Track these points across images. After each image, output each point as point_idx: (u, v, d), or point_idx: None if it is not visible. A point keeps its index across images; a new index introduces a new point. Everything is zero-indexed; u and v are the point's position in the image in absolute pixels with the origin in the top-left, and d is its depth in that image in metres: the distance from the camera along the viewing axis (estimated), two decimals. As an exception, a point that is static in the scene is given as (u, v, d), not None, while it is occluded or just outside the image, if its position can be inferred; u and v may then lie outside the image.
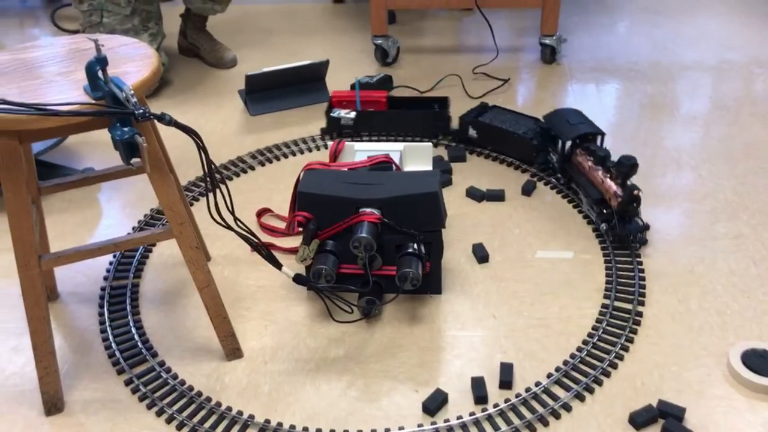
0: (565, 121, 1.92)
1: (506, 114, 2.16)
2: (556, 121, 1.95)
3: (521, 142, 2.03)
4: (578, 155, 1.87)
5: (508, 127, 2.07)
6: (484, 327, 1.54)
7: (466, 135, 2.14)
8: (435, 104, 2.26)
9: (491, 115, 2.15)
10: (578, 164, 1.87)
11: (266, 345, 1.52)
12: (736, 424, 1.30)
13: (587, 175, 1.83)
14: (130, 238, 1.34)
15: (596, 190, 1.78)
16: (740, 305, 1.56)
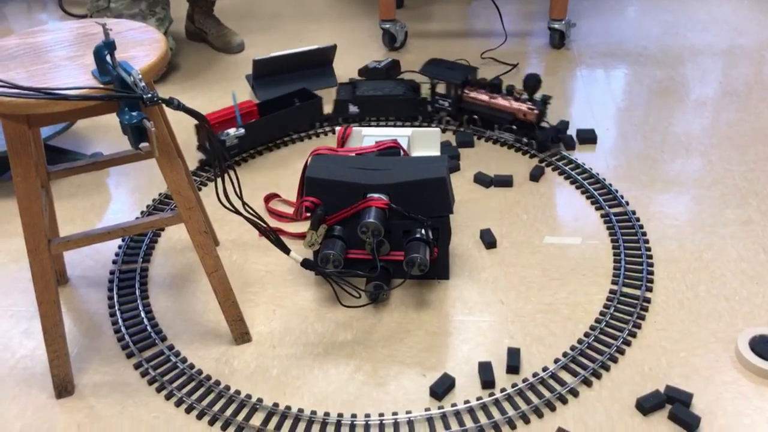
0: (444, 69, 2.09)
1: (379, 83, 2.23)
2: (437, 71, 2.09)
3: (405, 101, 2.13)
4: (468, 93, 2.05)
5: (388, 92, 2.15)
6: (491, 312, 1.54)
7: (346, 113, 2.17)
8: (295, 98, 2.20)
9: (365, 87, 2.21)
10: (473, 101, 2.02)
11: (274, 329, 1.52)
12: (743, 409, 1.30)
13: (489, 106, 2.03)
14: (139, 223, 1.35)
15: (506, 113, 2.00)
16: (749, 291, 1.56)
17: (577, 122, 2.20)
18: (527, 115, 1.98)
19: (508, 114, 2.02)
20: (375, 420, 1.32)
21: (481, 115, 2.06)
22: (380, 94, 2.13)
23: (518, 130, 2.03)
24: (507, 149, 2.09)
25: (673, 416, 1.28)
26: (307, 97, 2.19)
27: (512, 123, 2.02)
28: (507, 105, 1.99)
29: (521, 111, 1.98)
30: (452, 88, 2.04)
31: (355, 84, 2.23)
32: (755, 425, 1.27)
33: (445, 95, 2.06)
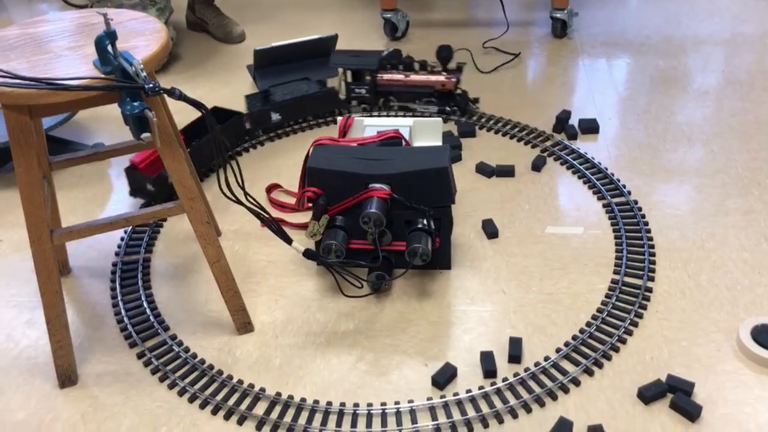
0: (351, 57, 2.14)
1: (287, 86, 2.20)
2: (345, 61, 2.14)
3: (323, 97, 2.16)
4: (383, 77, 2.11)
5: (305, 92, 2.15)
6: (493, 302, 1.54)
7: (269, 122, 2.11)
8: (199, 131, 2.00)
9: (279, 93, 2.17)
10: (389, 82, 2.11)
11: (277, 319, 1.53)
12: (745, 398, 1.31)
13: (406, 84, 2.11)
14: (141, 213, 1.35)
15: (425, 88, 2.09)
16: (751, 281, 1.56)
17: (579, 112, 2.20)
18: (446, 85, 2.09)
19: (427, 87, 2.11)
20: (377, 409, 1.32)
21: (399, 94, 2.14)
22: (298, 96, 2.12)
23: (439, 100, 2.13)
24: (509, 139, 2.09)
25: (675, 405, 1.29)
26: (226, 116, 2.05)
27: (432, 96, 2.12)
28: (424, 79, 2.09)
29: (439, 82, 2.08)
30: (367, 74, 2.10)
31: (267, 92, 2.17)
32: (756, 414, 1.27)
33: (361, 83, 2.11)
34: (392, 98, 2.14)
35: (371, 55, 2.14)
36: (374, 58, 2.11)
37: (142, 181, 1.80)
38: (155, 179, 1.78)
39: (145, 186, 1.80)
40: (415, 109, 2.13)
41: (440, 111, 2.13)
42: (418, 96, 2.13)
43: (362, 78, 2.12)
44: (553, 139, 2.06)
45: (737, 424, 1.26)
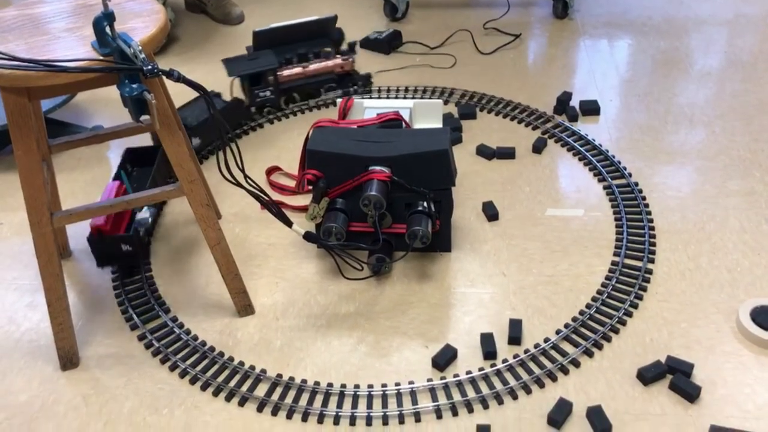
0: (247, 61, 2.06)
1: (188, 109, 1.96)
2: (242, 66, 2.04)
3: (233, 111, 2.03)
4: (282, 74, 2.07)
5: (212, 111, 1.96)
6: (493, 284, 1.54)
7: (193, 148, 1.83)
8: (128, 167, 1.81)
9: (190, 116, 1.93)
10: (289, 78, 2.08)
11: (277, 301, 1.53)
12: (743, 379, 1.31)
13: (306, 75, 2.11)
14: (141, 196, 1.35)
15: (325, 75, 2.12)
16: (751, 262, 1.56)
17: (580, 93, 2.19)
18: (344, 67, 2.14)
19: (328, 74, 2.13)
20: (378, 390, 1.33)
21: (301, 88, 2.13)
22: (208, 116, 1.93)
23: (340, 84, 2.16)
24: (509, 121, 2.08)
25: (674, 386, 1.29)
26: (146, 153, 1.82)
27: (333, 81, 2.14)
28: (323, 67, 2.11)
29: (338, 65, 2.12)
30: (269, 75, 2.04)
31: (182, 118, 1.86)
32: (755, 395, 1.28)
33: (264, 86, 2.07)
34: (295, 94, 2.13)
35: (266, 55, 2.07)
36: (271, 58, 2.05)
37: (113, 244, 1.56)
38: (130, 237, 1.55)
39: (119, 248, 1.57)
40: (319, 98, 2.13)
41: (344, 93, 2.16)
42: (321, 84, 2.14)
43: (265, 80, 2.05)
44: (553, 120, 2.06)
45: (736, 404, 1.27)
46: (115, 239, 1.55)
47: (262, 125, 2.12)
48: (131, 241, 1.55)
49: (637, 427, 1.24)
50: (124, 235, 1.55)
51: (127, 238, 1.55)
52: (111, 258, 1.58)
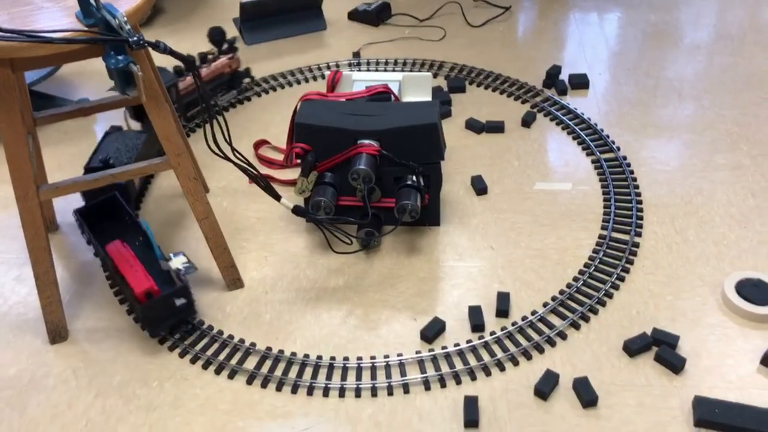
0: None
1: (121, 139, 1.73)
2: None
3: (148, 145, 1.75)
4: (180, 87, 1.89)
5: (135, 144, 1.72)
6: (481, 258, 1.55)
7: (135, 190, 1.74)
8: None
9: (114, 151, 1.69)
10: (186, 90, 1.91)
11: (266, 275, 1.53)
12: (727, 351, 1.33)
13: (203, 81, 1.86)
14: (128, 169, 1.34)
15: (217, 79, 1.98)
16: (737, 236, 1.57)
17: (570, 67, 2.18)
18: (232, 65, 2.02)
19: (219, 77, 2.00)
20: (367, 363, 1.34)
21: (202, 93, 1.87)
22: (132, 150, 1.69)
23: (233, 83, 2.04)
24: (498, 94, 2.07)
25: (659, 358, 1.31)
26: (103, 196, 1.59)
27: (226, 83, 2.02)
28: (212, 70, 1.97)
29: (226, 66, 2.00)
30: (171, 91, 1.86)
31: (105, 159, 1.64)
32: (738, 366, 1.30)
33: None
34: (192, 106, 1.96)
35: (162, 73, 1.80)
36: (167, 74, 1.84)
37: (166, 303, 1.36)
38: (184, 288, 1.36)
39: (173, 305, 1.36)
40: (218, 104, 2.01)
41: (239, 92, 2.08)
42: (217, 89, 2.01)
43: (172, 96, 1.86)
44: (543, 94, 2.05)
45: (720, 375, 1.28)
46: (168, 297, 1.34)
47: (250, 98, 2.10)
48: (185, 292, 1.36)
49: (623, 398, 1.26)
50: (176, 289, 1.35)
51: (181, 290, 1.35)
52: (167, 318, 1.37)
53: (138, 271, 1.35)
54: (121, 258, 1.38)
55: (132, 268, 1.36)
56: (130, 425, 1.25)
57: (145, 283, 1.33)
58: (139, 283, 1.33)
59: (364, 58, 2.25)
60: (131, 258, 1.38)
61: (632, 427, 1.21)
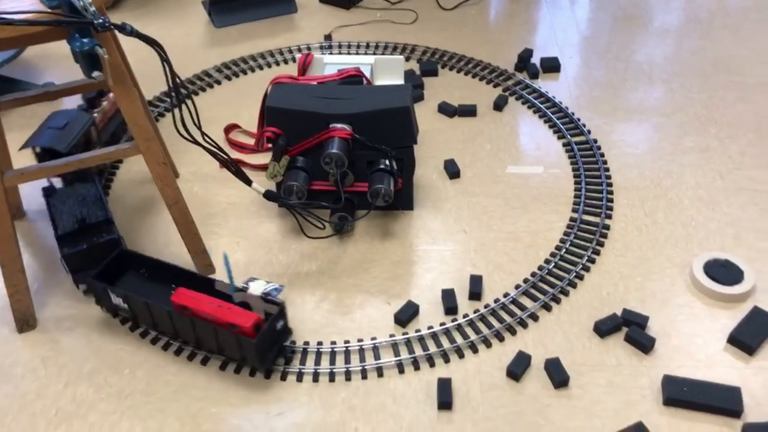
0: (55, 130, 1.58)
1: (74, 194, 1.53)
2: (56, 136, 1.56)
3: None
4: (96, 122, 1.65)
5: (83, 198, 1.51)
6: (454, 241, 1.55)
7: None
8: None
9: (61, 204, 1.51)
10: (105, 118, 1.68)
11: (239, 261, 1.52)
12: (695, 330, 1.35)
13: (107, 119, 1.70)
14: (96, 154, 1.31)
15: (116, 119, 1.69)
16: (705, 217, 1.59)
17: (542, 50, 2.19)
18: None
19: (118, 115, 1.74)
20: (340, 347, 1.34)
21: (114, 132, 1.75)
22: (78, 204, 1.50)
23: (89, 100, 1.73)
24: (471, 78, 2.07)
25: (629, 338, 1.33)
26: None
27: (95, 98, 1.73)
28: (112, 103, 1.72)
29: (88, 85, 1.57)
30: (92, 131, 1.64)
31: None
32: (706, 345, 1.32)
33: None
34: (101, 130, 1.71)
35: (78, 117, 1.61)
36: (83, 117, 1.62)
37: (273, 334, 1.30)
38: (281, 312, 1.30)
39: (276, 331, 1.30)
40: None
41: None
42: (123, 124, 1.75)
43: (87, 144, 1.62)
44: (515, 78, 2.05)
45: (688, 354, 1.31)
46: (274, 322, 1.28)
47: (220, 81, 2.08)
48: (283, 314, 1.31)
49: (594, 378, 1.27)
50: (279, 312, 1.28)
51: (281, 312, 1.30)
52: (272, 346, 1.30)
53: (233, 309, 1.26)
54: (203, 303, 1.27)
55: (223, 308, 1.26)
56: (101, 413, 1.24)
57: (250, 316, 1.24)
58: (245, 318, 1.24)
59: (335, 41, 2.24)
60: (211, 300, 1.28)
61: (602, 407, 1.23)
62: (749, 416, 1.21)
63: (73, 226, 1.43)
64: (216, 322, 1.25)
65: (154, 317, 1.33)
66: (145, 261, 1.42)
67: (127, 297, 1.32)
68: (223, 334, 1.26)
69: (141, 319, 1.36)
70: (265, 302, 1.29)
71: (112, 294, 1.33)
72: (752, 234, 1.54)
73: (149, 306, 1.31)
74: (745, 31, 2.26)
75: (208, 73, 2.10)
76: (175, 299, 1.28)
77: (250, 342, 1.23)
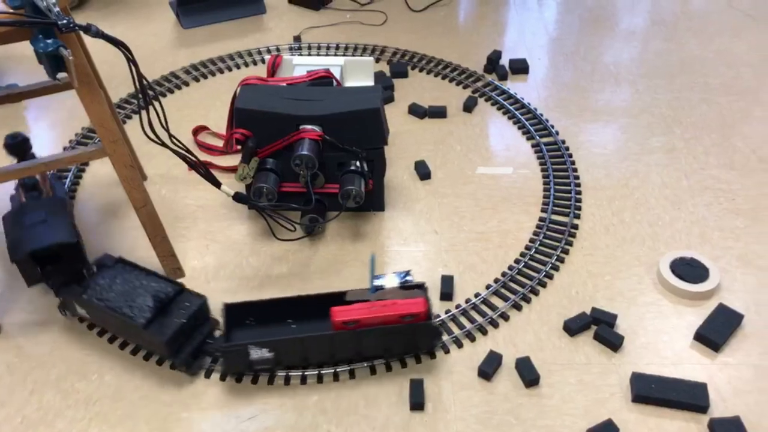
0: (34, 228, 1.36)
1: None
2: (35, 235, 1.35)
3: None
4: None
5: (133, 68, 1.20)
6: (426, 242, 1.56)
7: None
8: None
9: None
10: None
11: (208, 264, 1.51)
12: (663, 328, 1.37)
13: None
14: (61, 157, 1.29)
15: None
16: (671, 216, 1.62)
17: (510, 52, 2.20)
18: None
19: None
20: (312, 350, 1.33)
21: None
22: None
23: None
24: (441, 79, 2.08)
25: (599, 336, 1.34)
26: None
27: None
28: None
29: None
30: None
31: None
32: (673, 342, 1.34)
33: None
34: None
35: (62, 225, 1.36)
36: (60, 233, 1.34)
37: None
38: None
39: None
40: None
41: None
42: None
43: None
44: (484, 79, 2.07)
45: (656, 351, 1.33)
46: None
47: (188, 83, 2.06)
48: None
49: (564, 376, 1.29)
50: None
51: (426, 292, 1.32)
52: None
53: (396, 303, 1.26)
54: (363, 311, 1.25)
55: (387, 306, 1.25)
56: (69, 420, 1.22)
57: (416, 303, 1.26)
58: (414, 306, 1.26)
59: (305, 42, 2.23)
60: (364, 305, 1.27)
61: (573, 405, 1.24)
62: (715, 411, 1.23)
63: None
64: (388, 321, 1.24)
65: (308, 351, 1.27)
66: (247, 309, 1.34)
67: (277, 344, 1.24)
68: (392, 332, 1.25)
69: (286, 360, 1.28)
70: (405, 290, 1.31)
71: (254, 350, 1.25)
72: (717, 232, 1.57)
73: (303, 341, 1.25)
74: (708, 34, 2.30)
75: (175, 75, 2.08)
76: (337, 318, 1.24)
77: (426, 326, 1.24)
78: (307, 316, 1.34)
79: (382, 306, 1.25)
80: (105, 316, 1.30)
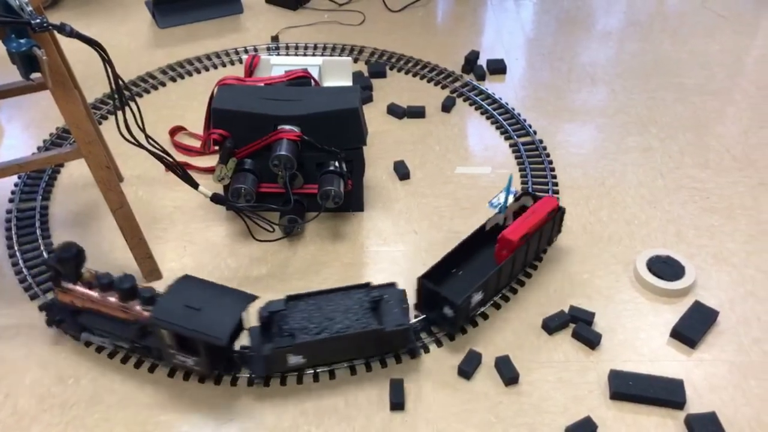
0: None
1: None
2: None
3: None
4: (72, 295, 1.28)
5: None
6: (405, 242, 1.56)
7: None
8: None
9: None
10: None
11: (186, 265, 1.49)
12: (640, 325, 1.39)
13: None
14: (36, 158, 1.28)
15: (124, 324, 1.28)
16: (647, 215, 1.64)
17: (488, 52, 2.21)
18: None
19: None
20: (292, 351, 1.33)
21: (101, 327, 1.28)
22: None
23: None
24: (419, 80, 2.08)
25: (577, 334, 1.36)
26: None
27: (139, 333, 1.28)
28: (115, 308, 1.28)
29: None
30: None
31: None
32: (650, 339, 1.36)
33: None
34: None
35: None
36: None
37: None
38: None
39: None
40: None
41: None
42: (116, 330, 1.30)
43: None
44: (462, 79, 2.08)
45: (633, 349, 1.34)
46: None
47: (164, 83, 2.04)
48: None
49: (543, 374, 1.29)
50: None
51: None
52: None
53: (535, 208, 1.41)
54: (524, 222, 1.39)
55: (531, 214, 1.40)
56: (45, 425, 1.20)
57: (550, 200, 1.44)
58: (548, 203, 1.43)
59: (282, 42, 2.22)
60: (520, 219, 1.40)
61: (552, 402, 1.25)
62: (691, 407, 1.24)
63: None
64: (543, 223, 1.41)
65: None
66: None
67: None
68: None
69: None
70: (516, 201, 1.47)
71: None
72: (692, 231, 1.59)
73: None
74: (683, 35, 2.33)
75: (152, 75, 2.06)
76: (513, 237, 1.36)
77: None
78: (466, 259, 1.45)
79: (528, 216, 1.41)
80: (321, 346, 1.27)
